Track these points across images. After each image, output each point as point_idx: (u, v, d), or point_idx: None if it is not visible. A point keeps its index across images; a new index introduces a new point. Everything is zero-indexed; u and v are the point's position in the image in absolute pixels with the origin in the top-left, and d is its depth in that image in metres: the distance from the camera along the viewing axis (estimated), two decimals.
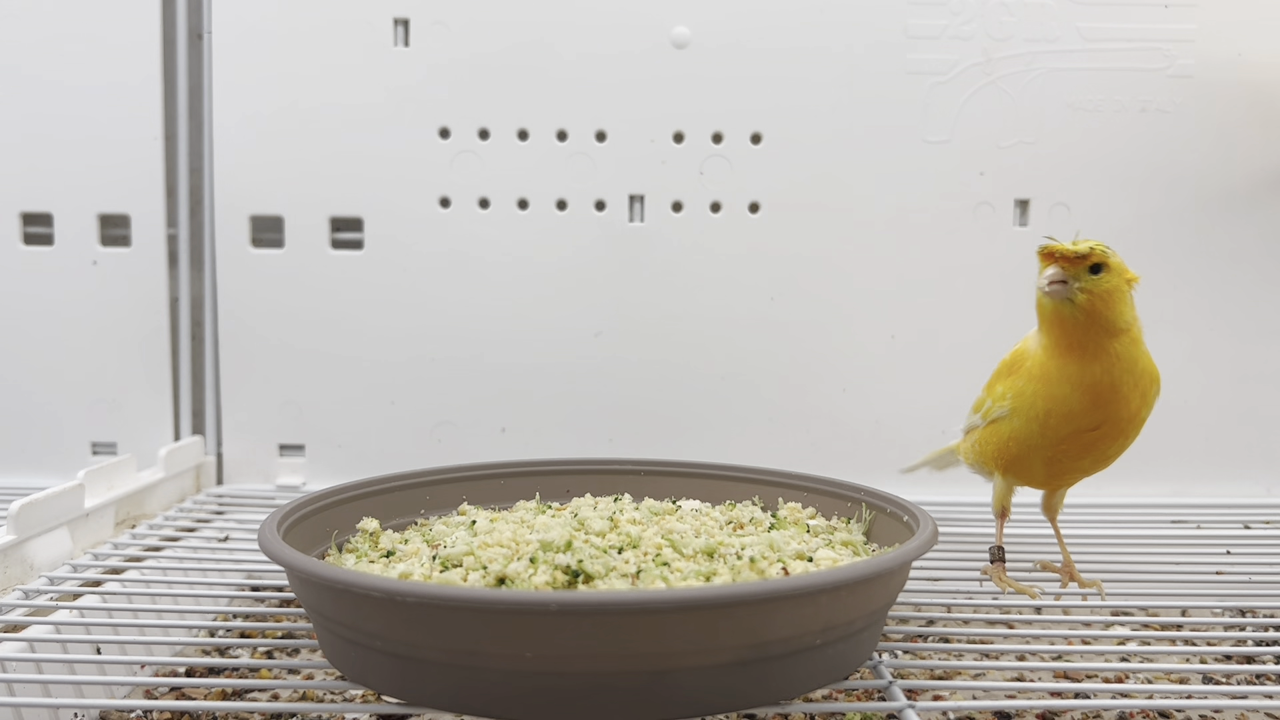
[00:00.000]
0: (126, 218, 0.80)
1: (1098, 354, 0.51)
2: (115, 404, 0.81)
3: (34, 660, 0.47)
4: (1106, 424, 0.53)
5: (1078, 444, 0.54)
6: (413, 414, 0.80)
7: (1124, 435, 0.53)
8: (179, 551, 0.64)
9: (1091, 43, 0.78)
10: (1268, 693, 0.45)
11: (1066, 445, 0.54)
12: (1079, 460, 0.54)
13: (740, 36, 0.78)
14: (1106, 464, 0.55)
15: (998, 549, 0.57)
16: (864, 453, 0.80)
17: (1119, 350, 0.51)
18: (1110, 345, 0.51)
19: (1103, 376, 0.52)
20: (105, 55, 0.78)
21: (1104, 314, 0.50)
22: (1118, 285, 0.51)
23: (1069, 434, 0.53)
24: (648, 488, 0.62)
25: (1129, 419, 0.52)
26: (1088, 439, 0.53)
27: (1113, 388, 0.52)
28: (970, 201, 0.79)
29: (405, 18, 0.78)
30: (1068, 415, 0.53)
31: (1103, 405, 0.52)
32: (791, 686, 0.41)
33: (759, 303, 0.80)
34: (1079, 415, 0.53)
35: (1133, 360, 0.51)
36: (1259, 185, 0.79)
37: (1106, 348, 0.51)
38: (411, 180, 0.79)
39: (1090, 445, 0.54)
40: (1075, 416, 0.53)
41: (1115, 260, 0.50)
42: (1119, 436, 0.53)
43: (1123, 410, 0.52)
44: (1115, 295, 0.50)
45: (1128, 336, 0.51)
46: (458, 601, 0.37)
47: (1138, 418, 0.53)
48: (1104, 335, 0.51)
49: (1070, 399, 0.53)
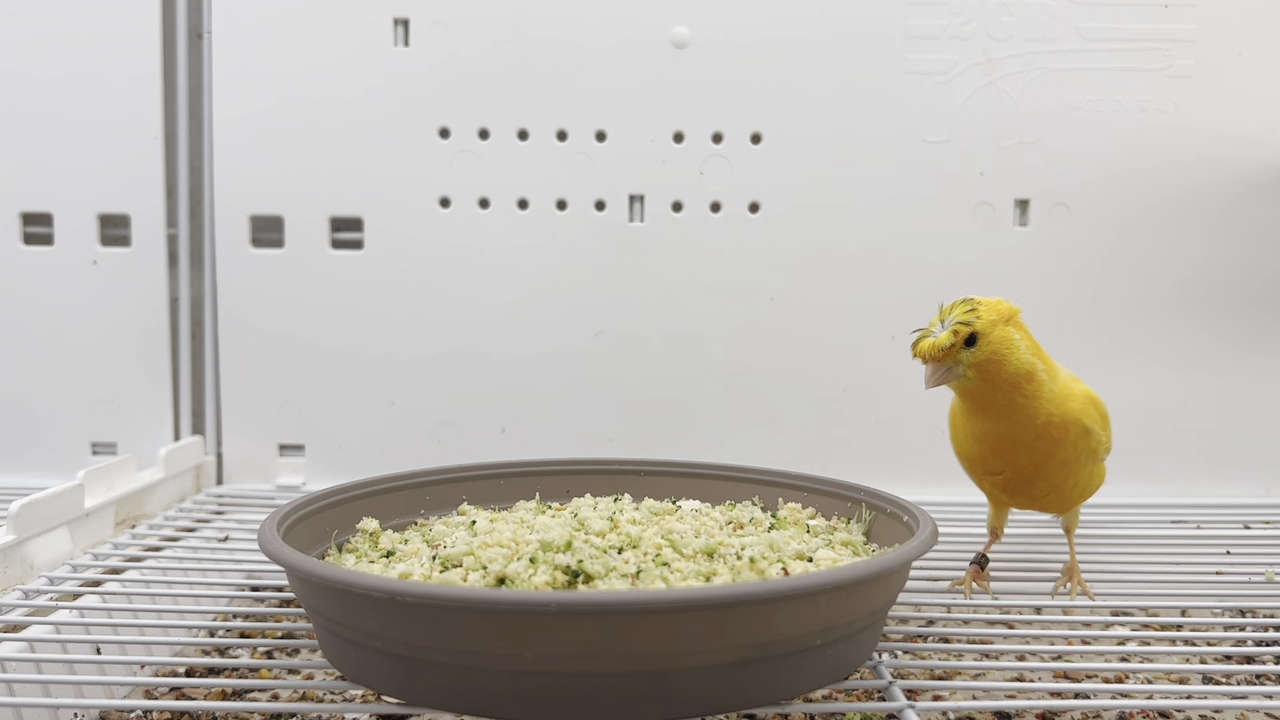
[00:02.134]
0: (126, 218, 0.80)
1: (1006, 411, 0.52)
2: (115, 404, 0.81)
3: (34, 660, 0.47)
4: (1009, 470, 0.54)
5: (998, 486, 0.55)
6: (413, 414, 0.80)
7: (1041, 479, 0.54)
8: (179, 551, 0.64)
9: (1091, 43, 0.78)
10: (1268, 693, 0.45)
11: (988, 485, 0.56)
12: (1015, 497, 0.56)
13: (740, 36, 0.78)
14: (1054, 498, 0.55)
15: (981, 556, 0.57)
16: (864, 453, 0.80)
17: (1023, 401, 0.51)
18: (1015, 398, 0.51)
19: (999, 431, 0.53)
20: (105, 55, 0.78)
21: (999, 373, 0.51)
22: (1000, 337, 0.51)
23: (977, 474, 0.56)
24: (648, 488, 0.62)
25: (1036, 465, 0.53)
26: (1001, 481, 0.54)
27: (1007, 439, 0.53)
28: (970, 201, 0.79)
29: (405, 17, 0.78)
30: (970, 459, 0.55)
31: (1001, 454, 0.53)
32: (791, 686, 0.41)
33: (759, 303, 0.80)
34: (977, 461, 0.55)
35: (1035, 408, 0.52)
36: (1258, 186, 0.79)
37: (1013, 401, 0.52)
38: (411, 180, 0.79)
39: (1008, 487, 0.55)
40: (974, 462, 0.55)
41: (985, 318, 0.50)
42: (1031, 481, 0.54)
43: (1022, 459, 0.53)
44: (1002, 349, 0.51)
45: (1033, 380, 0.51)
46: (458, 601, 0.37)
47: (1051, 461, 0.53)
48: (1008, 389, 0.51)
49: (972, 449, 0.55)
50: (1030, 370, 0.51)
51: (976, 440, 0.54)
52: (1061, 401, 0.52)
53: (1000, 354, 0.51)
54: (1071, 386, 0.53)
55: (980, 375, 0.51)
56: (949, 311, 0.51)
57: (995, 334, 0.50)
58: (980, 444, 0.54)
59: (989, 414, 0.52)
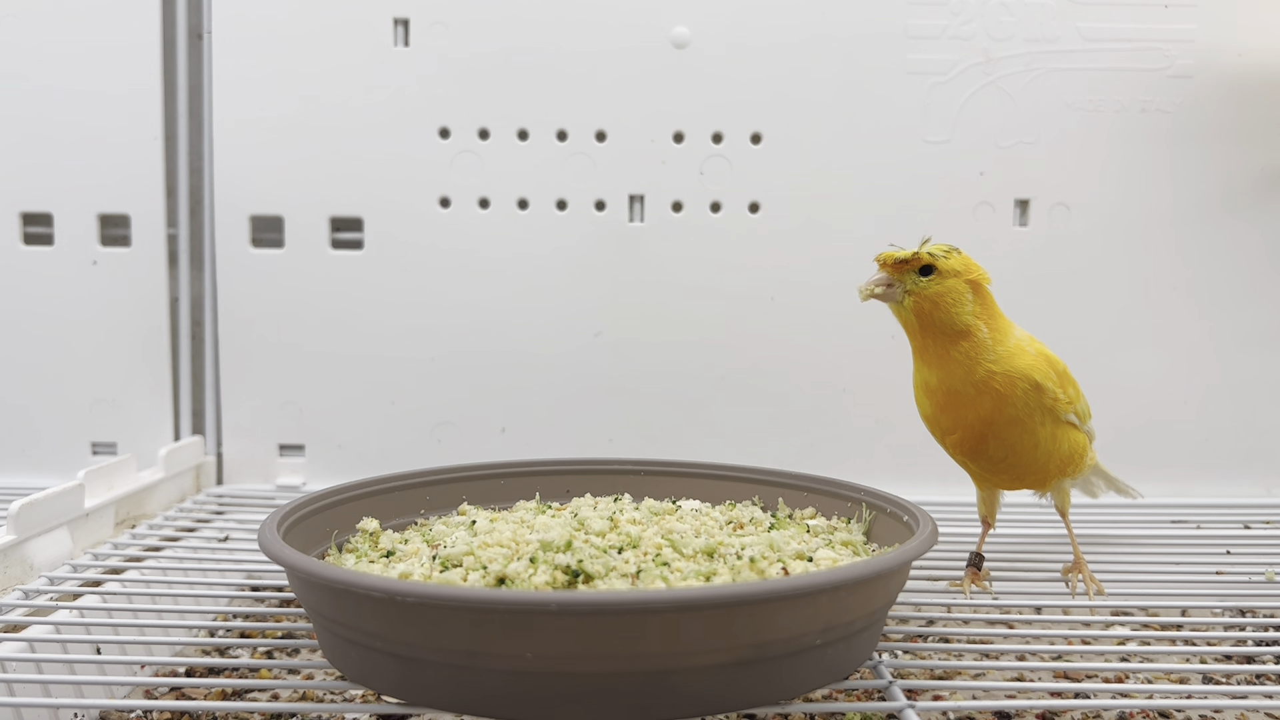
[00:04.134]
0: (126, 218, 0.80)
1: (939, 359, 0.52)
2: (115, 404, 0.81)
3: (34, 660, 0.47)
4: (960, 429, 0.53)
5: (956, 448, 0.55)
6: (413, 414, 0.80)
7: (993, 437, 0.53)
8: (179, 551, 0.64)
9: (1091, 43, 0.78)
10: (1268, 693, 0.45)
11: (949, 448, 0.55)
12: (977, 460, 0.55)
13: (740, 36, 0.78)
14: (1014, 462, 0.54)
15: (976, 555, 0.57)
16: (864, 453, 0.80)
17: (959, 355, 0.52)
18: (950, 350, 0.52)
19: (940, 382, 0.52)
20: (105, 55, 0.78)
21: (934, 316, 0.51)
22: (951, 287, 0.51)
23: (939, 437, 0.55)
24: (648, 488, 0.62)
25: (985, 421, 0.52)
26: (955, 441, 0.54)
27: (951, 393, 0.52)
28: (970, 201, 0.79)
29: (405, 18, 0.78)
30: (928, 419, 0.55)
31: (949, 410, 0.53)
32: (791, 686, 0.41)
33: (759, 302, 0.80)
34: (932, 420, 0.55)
35: (973, 363, 0.52)
36: (1258, 186, 0.79)
37: (947, 352, 0.52)
38: (412, 180, 0.79)
39: (964, 448, 0.54)
40: (931, 421, 0.55)
41: (951, 262, 0.51)
42: (984, 439, 0.53)
43: (969, 414, 0.53)
44: (948, 297, 0.51)
45: (972, 339, 0.51)
46: (458, 601, 0.37)
47: (1000, 418, 0.52)
48: (942, 339, 0.52)
49: (925, 405, 0.55)
50: (968, 329, 0.51)
51: (927, 394, 0.54)
52: (1007, 359, 0.52)
53: (942, 302, 0.51)
54: (1025, 346, 0.53)
55: (915, 312, 0.51)
56: (923, 242, 0.52)
57: (949, 282, 0.51)
58: (930, 398, 0.54)
59: (925, 360, 0.53)
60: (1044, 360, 0.53)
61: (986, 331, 0.52)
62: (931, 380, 0.53)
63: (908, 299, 0.51)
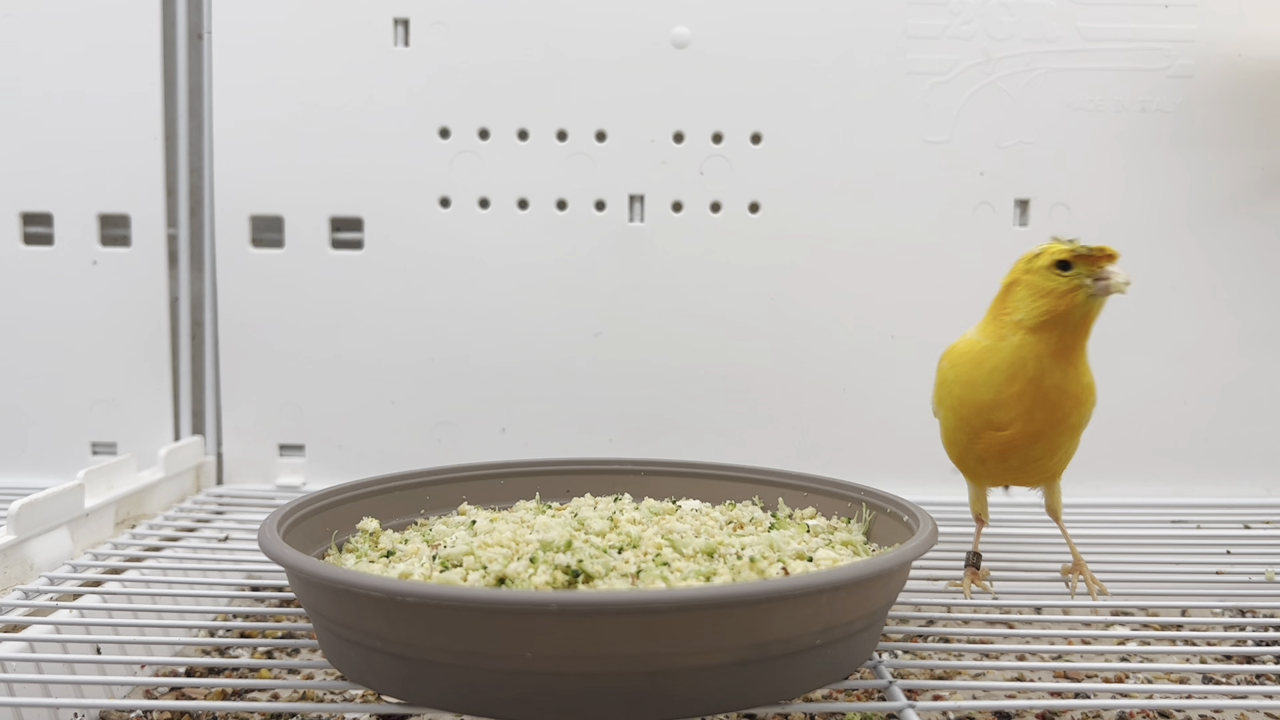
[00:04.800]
0: (126, 218, 0.80)
1: (1070, 357, 0.52)
2: (115, 404, 0.81)
3: (34, 660, 0.47)
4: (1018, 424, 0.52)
5: (1000, 444, 0.53)
6: (413, 414, 0.80)
7: (1045, 439, 0.53)
8: (179, 551, 0.64)
9: (1091, 43, 0.78)
10: (1268, 693, 0.45)
11: (980, 446, 0.54)
12: (1006, 460, 0.54)
13: (740, 36, 0.78)
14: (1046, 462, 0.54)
15: (973, 554, 0.57)
16: (864, 453, 0.80)
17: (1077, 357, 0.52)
18: (1079, 350, 0.52)
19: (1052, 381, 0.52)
20: (105, 55, 0.78)
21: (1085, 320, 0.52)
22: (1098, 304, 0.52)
23: (976, 427, 0.54)
24: (648, 488, 0.62)
25: (1051, 423, 0.52)
26: (1002, 438, 0.53)
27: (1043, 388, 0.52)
28: (970, 201, 0.79)
29: (405, 17, 0.78)
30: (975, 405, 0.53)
31: (1021, 405, 0.52)
32: (791, 686, 0.41)
33: (759, 303, 0.80)
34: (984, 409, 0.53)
35: (1080, 369, 0.53)
36: (1258, 186, 0.79)
37: (1078, 350, 0.52)
38: (412, 180, 0.79)
39: (1009, 445, 0.53)
40: (977, 410, 0.53)
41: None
42: (1036, 439, 0.53)
43: (1043, 414, 0.52)
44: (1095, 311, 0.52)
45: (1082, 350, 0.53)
46: (458, 601, 0.37)
47: (1066, 423, 0.53)
48: (1084, 339, 0.52)
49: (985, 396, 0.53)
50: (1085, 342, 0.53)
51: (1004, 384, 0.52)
52: (1089, 369, 0.53)
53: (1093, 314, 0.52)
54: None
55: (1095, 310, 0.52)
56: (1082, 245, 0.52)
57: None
58: (1001, 391, 0.52)
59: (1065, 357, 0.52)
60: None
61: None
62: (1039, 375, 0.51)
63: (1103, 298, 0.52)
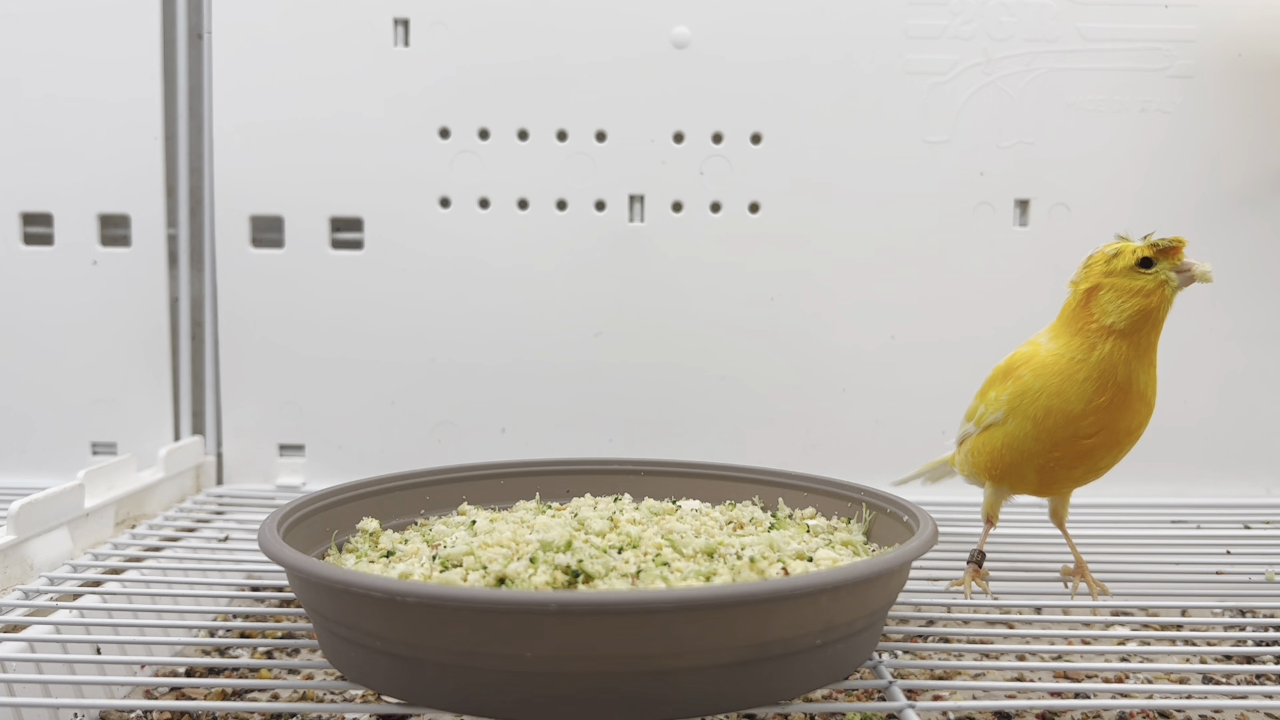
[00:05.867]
0: (126, 218, 0.80)
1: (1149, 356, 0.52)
2: (115, 404, 0.81)
3: (34, 660, 0.47)
4: (1104, 432, 0.52)
5: (1080, 452, 0.53)
6: (413, 414, 0.80)
7: (1120, 448, 0.53)
8: (179, 551, 0.64)
9: (1091, 43, 0.78)
10: (1268, 693, 0.45)
11: (1060, 454, 0.53)
12: (1077, 469, 0.54)
13: (740, 37, 0.78)
14: (1103, 473, 0.55)
15: (978, 553, 0.57)
16: (864, 453, 0.80)
17: (1154, 357, 0.52)
18: (1154, 349, 0.52)
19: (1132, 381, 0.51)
20: (105, 56, 0.78)
21: (1156, 323, 0.52)
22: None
23: (1057, 438, 0.53)
24: (648, 488, 0.62)
25: (1128, 431, 0.52)
26: (1085, 446, 0.53)
27: (1129, 394, 0.51)
28: (970, 201, 0.79)
29: (405, 18, 0.78)
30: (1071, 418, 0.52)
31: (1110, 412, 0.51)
32: (791, 686, 0.41)
33: (759, 303, 0.80)
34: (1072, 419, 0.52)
35: (1153, 368, 0.52)
36: (1258, 185, 0.79)
37: (1154, 349, 0.52)
38: (411, 180, 0.79)
39: (1091, 453, 0.53)
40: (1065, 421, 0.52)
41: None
42: (1114, 449, 0.53)
43: (1126, 420, 0.52)
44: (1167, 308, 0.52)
45: (1153, 354, 0.52)
46: (458, 601, 0.37)
47: (1142, 427, 0.53)
48: (1145, 339, 0.52)
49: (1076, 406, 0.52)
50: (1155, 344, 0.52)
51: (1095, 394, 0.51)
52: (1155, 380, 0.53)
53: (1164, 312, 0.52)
54: None
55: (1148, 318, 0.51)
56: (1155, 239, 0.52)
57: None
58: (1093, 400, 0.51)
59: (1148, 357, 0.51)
60: None
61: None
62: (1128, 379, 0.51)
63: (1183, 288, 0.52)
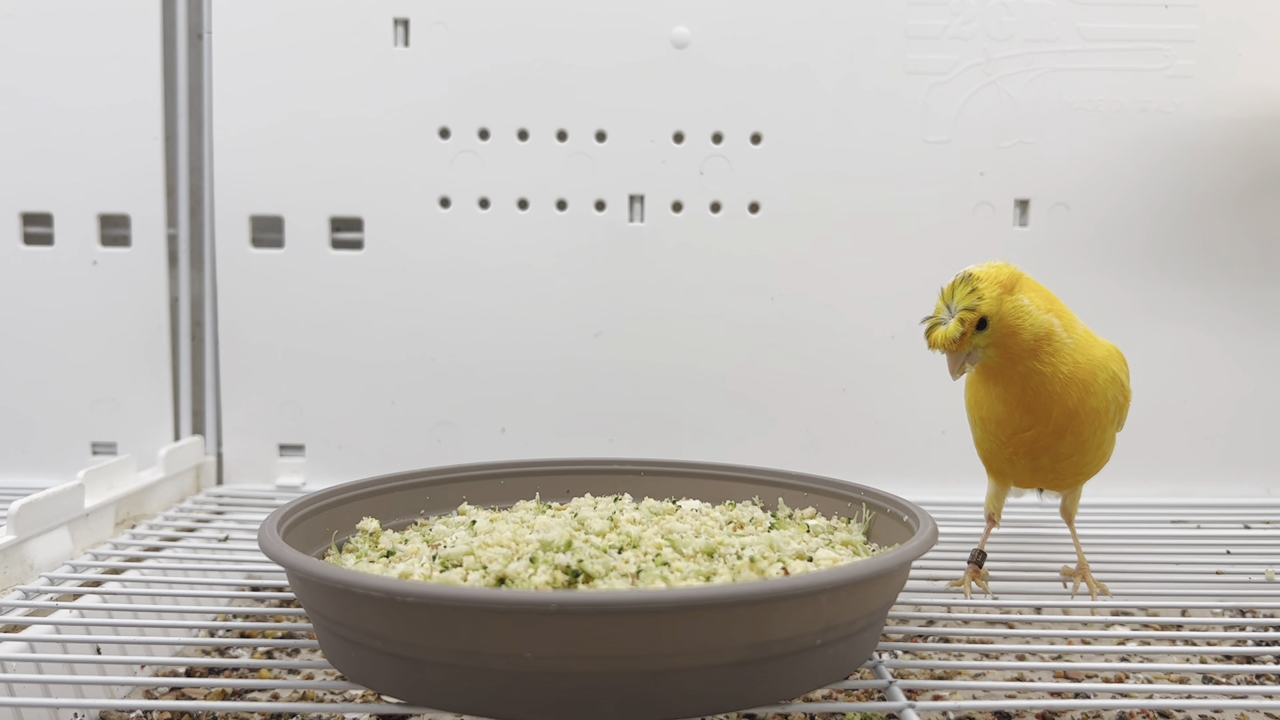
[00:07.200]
0: (126, 218, 0.80)
1: (1024, 371, 0.52)
2: (115, 404, 0.81)
3: (34, 660, 0.47)
4: (1039, 424, 0.53)
5: (1027, 445, 0.54)
6: (413, 414, 0.80)
7: (1071, 432, 0.53)
8: (179, 551, 0.64)
9: (1091, 43, 0.78)
10: (1268, 693, 0.45)
11: (1009, 450, 0.55)
12: (1038, 459, 0.54)
13: (740, 37, 0.78)
14: (1077, 460, 0.55)
15: (979, 552, 0.57)
16: (864, 453, 0.80)
17: (1045, 357, 0.51)
18: (1038, 356, 0.51)
19: (1022, 387, 0.52)
20: (105, 56, 0.78)
21: (1017, 344, 0.51)
22: (1010, 310, 0.50)
23: (1004, 438, 0.54)
24: (648, 488, 0.62)
25: (1069, 415, 0.52)
26: (1027, 438, 0.54)
27: (1036, 391, 0.52)
28: (970, 201, 0.79)
29: (405, 18, 0.78)
30: (995, 421, 0.54)
31: (1030, 409, 0.52)
32: (791, 686, 0.41)
33: (759, 303, 0.80)
34: (1001, 421, 0.54)
35: (1058, 360, 0.51)
36: (1258, 186, 0.79)
37: (1034, 360, 0.51)
38: (411, 180, 0.79)
39: (1037, 444, 0.54)
40: (998, 423, 0.54)
41: (989, 296, 0.50)
42: (1063, 434, 0.53)
43: (1054, 408, 0.52)
44: (1013, 321, 0.50)
45: (1052, 339, 0.51)
46: (458, 601, 0.37)
47: (1084, 409, 0.52)
48: (1028, 356, 0.51)
49: (999, 411, 0.54)
50: (1048, 330, 0.51)
51: (1004, 401, 0.53)
52: (1086, 349, 0.52)
53: (1014, 325, 0.50)
54: (1092, 336, 0.53)
55: (1000, 351, 0.51)
56: (950, 294, 0.51)
57: (1004, 308, 0.50)
58: (1006, 404, 0.53)
59: (1012, 381, 0.52)
60: (1113, 350, 0.54)
61: (1058, 323, 0.51)
62: (1013, 391, 0.52)
63: (988, 351, 0.51)
